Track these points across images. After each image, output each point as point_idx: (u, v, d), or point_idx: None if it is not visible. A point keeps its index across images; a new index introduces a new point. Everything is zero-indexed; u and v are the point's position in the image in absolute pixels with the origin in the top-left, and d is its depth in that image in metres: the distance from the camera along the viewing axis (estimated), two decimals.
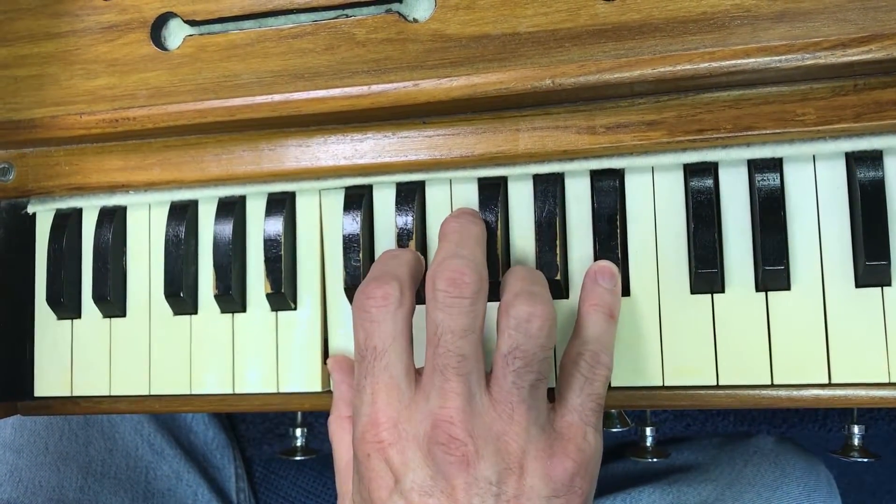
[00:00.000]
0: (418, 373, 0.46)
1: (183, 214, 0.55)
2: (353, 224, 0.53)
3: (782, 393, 0.48)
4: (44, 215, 0.59)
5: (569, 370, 0.47)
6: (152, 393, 0.56)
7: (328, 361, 0.53)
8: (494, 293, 0.49)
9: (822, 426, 0.78)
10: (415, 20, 0.50)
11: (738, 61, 0.46)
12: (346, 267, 0.53)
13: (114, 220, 0.57)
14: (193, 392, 0.55)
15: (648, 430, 0.60)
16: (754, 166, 0.48)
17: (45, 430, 0.71)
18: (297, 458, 0.65)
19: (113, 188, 0.56)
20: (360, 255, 0.52)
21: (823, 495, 0.71)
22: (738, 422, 0.78)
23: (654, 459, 0.60)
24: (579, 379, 0.47)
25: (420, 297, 0.49)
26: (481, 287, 0.45)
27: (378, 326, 0.46)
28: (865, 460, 0.56)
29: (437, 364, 0.44)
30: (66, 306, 0.57)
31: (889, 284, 0.47)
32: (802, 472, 0.72)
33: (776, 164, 0.48)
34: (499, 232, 0.51)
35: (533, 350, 0.44)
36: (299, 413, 0.65)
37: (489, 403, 0.44)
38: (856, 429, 0.57)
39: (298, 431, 0.65)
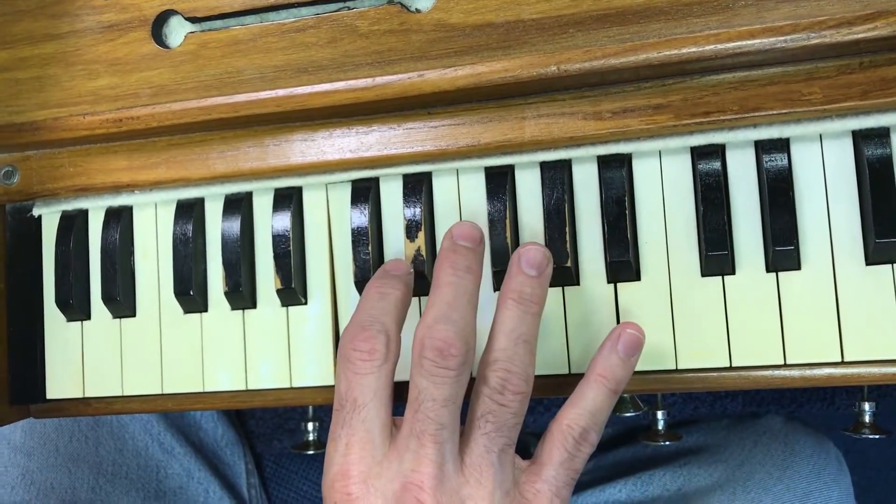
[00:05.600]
0: (395, 424, 0.47)
1: (190, 212, 0.55)
2: (361, 217, 0.53)
3: (795, 373, 0.48)
4: (49, 217, 0.58)
5: (555, 439, 0.47)
6: (165, 392, 0.56)
7: None
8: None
9: (831, 404, 0.79)
10: (417, 10, 0.50)
11: (744, 42, 0.46)
12: (355, 260, 0.53)
13: (120, 220, 0.57)
14: (206, 389, 0.55)
15: (660, 414, 0.60)
16: (761, 147, 0.48)
17: (55, 432, 0.71)
18: (310, 452, 0.65)
19: (118, 188, 0.56)
20: (370, 247, 0.52)
21: (833, 472, 0.72)
22: (747, 403, 0.78)
23: (667, 443, 0.60)
24: (562, 453, 0.47)
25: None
26: (467, 358, 0.46)
27: (361, 380, 0.46)
28: (877, 437, 0.57)
29: (414, 428, 0.45)
30: (76, 308, 0.57)
31: None
32: (812, 451, 0.72)
33: (783, 145, 0.48)
34: (507, 221, 0.51)
35: (505, 417, 0.46)
36: (310, 407, 0.65)
37: (459, 467, 0.46)
38: (866, 406, 0.57)
39: (310, 426, 0.65)
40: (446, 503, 0.45)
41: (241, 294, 0.54)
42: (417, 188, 0.52)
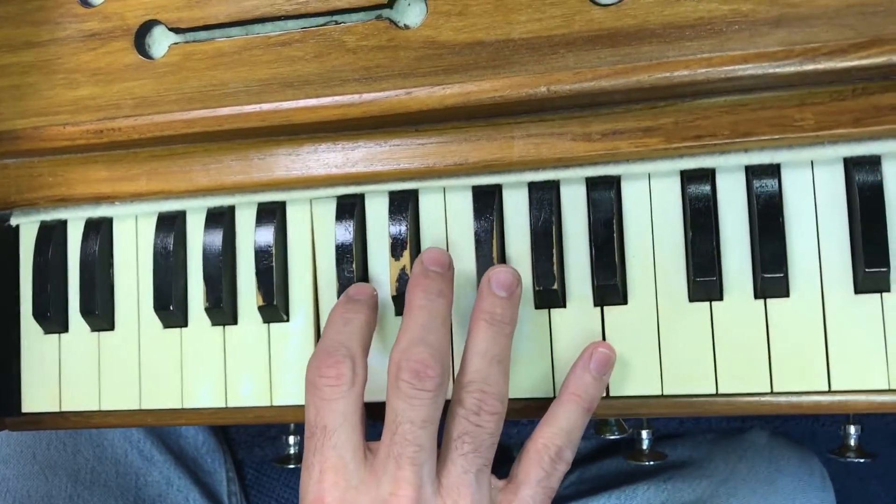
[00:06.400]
0: (369, 449, 0.47)
1: (171, 225, 0.54)
2: (345, 234, 0.52)
3: (782, 400, 0.48)
4: (28, 228, 0.57)
5: (531, 458, 0.48)
6: (143, 407, 0.55)
7: None
8: None
9: (816, 420, 0.79)
10: (406, 27, 0.49)
11: (736, 67, 0.45)
12: (339, 278, 0.52)
13: (100, 231, 0.56)
14: (185, 406, 0.54)
15: (644, 434, 0.59)
16: (752, 172, 0.48)
17: (32, 439, 0.70)
18: (291, 465, 0.64)
19: (98, 199, 0.55)
20: (354, 265, 0.52)
21: (817, 489, 0.72)
22: (732, 418, 0.78)
23: (651, 462, 0.60)
24: (539, 472, 0.48)
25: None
26: (444, 380, 0.46)
27: (329, 405, 0.46)
28: (862, 460, 0.56)
29: (392, 451, 0.45)
30: (53, 320, 0.56)
31: (888, 290, 0.46)
32: (796, 467, 0.72)
33: (774, 170, 0.48)
34: (494, 241, 0.50)
35: (482, 438, 0.46)
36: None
37: (437, 489, 0.46)
38: (852, 429, 0.56)
39: (291, 439, 0.64)
40: None
41: (222, 310, 0.53)
42: (403, 206, 0.52)
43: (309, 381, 0.47)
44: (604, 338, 0.49)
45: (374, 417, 0.49)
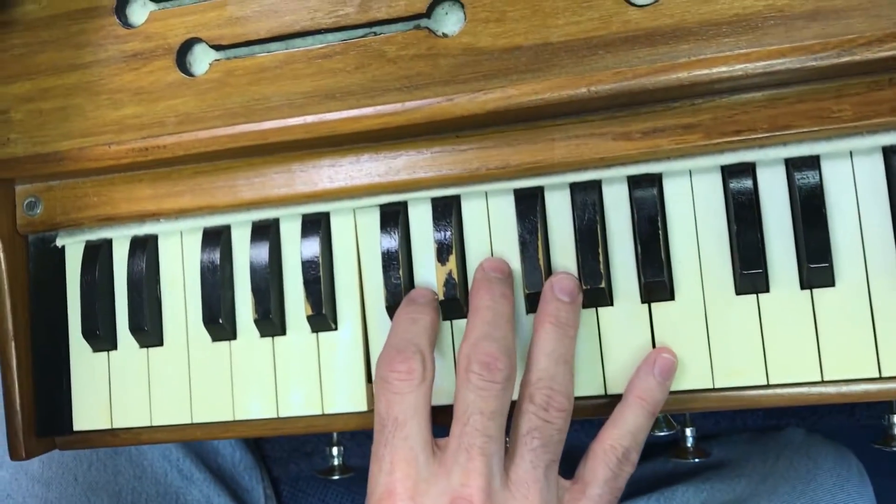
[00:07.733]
0: (437, 445, 0.48)
1: (217, 240, 0.55)
2: (390, 241, 0.52)
3: (832, 389, 0.48)
4: (73, 248, 0.58)
5: (598, 459, 0.49)
6: (194, 421, 0.55)
7: None
8: (535, 305, 0.50)
9: (851, 416, 0.78)
10: (444, 35, 0.50)
11: (774, 62, 0.46)
12: (386, 285, 0.52)
13: (146, 249, 0.56)
14: (237, 418, 0.55)
15: (688, 431, 0.60)
16: (792, 165, 0.48)
17: (73, 461, 0.71)
18: (335, 477, 0.64)
19: (143, 217, 0.56)
20: (400, 271, 0.52)
21: (855, 484, 0.72)
22: (768, 416, 0.78)
23: (696, 460, 0.60)
24: (606, 472, 0.48)
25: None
26: (511, 373, 0.47)
27: (401, 398, 0.47)
28: None
29: (463, 442, 0.46)
30: (102, 338, 0.57)
31: None
32: (834, 463, 0.72)
33: (814, 162, 0.48)
34: (539, 242, 0.51)
35: (550, 433, 0.47)
36: (334, 433, 0.65)
37: (506, 483, 0.47)
38: (895, 418, 0.57)
39: (335, 450, 0.64)
40: None
41: (271, 321, 0.54)
42: (447, 211, 0.52)
43: (380, 376, 0.48)
44: (653, 334, 0.50)
45: (434, 421, 0.50)
